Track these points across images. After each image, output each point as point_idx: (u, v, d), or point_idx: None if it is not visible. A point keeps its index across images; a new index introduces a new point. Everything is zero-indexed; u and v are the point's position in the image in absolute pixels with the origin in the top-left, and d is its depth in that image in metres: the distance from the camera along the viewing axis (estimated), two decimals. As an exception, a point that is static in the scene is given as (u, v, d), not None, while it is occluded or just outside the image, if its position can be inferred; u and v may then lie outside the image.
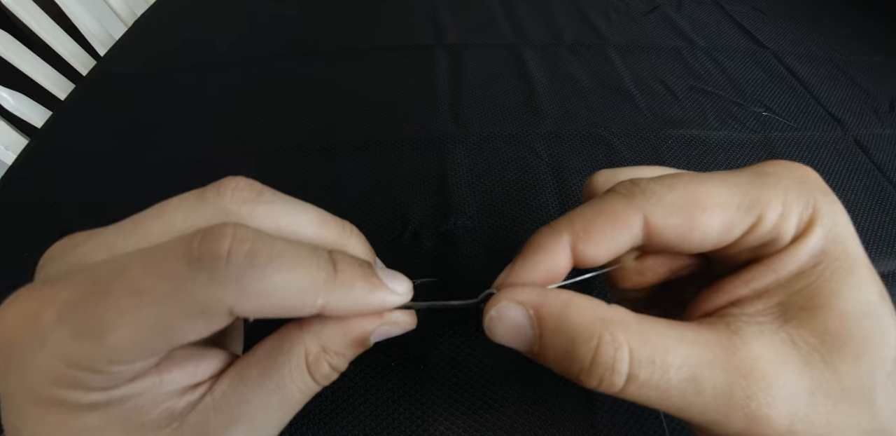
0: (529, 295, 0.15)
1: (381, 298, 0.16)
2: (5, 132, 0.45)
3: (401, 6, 0.56)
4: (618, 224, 0.15)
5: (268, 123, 0.42)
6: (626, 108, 0.43)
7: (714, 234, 0.15)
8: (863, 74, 0.48)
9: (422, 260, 0.31)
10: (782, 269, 0.15)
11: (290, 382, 0.15)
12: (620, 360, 0.14)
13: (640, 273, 0.18)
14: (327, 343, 0.16)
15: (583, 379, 0.14)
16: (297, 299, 0.14)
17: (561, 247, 0.16)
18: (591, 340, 0.14)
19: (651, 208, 0.15)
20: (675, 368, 0.13)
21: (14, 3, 0.50)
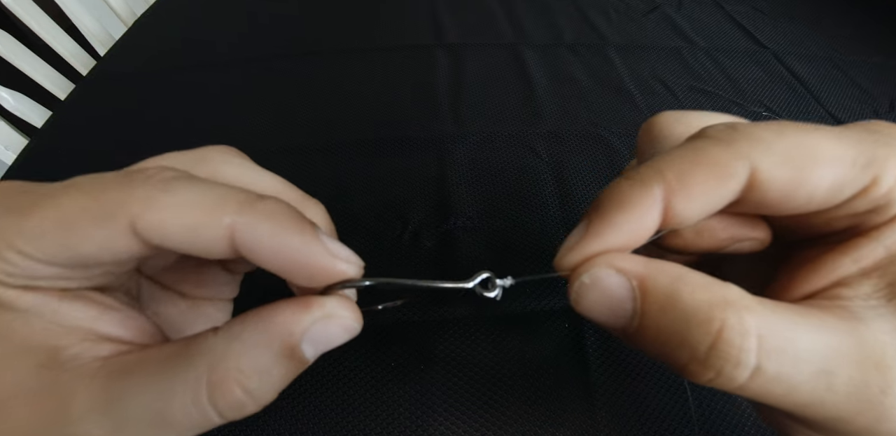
0: (634, 263, 0.13)
1: (315, 252, 0.13)
2: (5, 132, 0.45)
3: (401, 6, 0.56)
4: (721, 175, 0.13)
5: (268, 123, 0.42)
6: (626, 108, 0.43)
7: (822, 192, 0.13)
8: (863, 74, 0.48)
9: (422, 260, 0.31)
10: (892, 242, 0.13)
11: (178, 403, 0.12)
12: (747, 350, 0.11)
13: (698, 234, 0.15)
14: (243, 351, 0.12)
15: (692, 369, 0.12)
16: (202, 215, 0.12)
17: (652, 203, 0.13)
18: (711, 323, 0.12)
19: (759, 157, 0.12)
20: (807, 360, 0.12)
21: (14, 3, 0.50)
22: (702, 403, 0.26)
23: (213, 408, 0.12)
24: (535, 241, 0.33)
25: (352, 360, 0.27)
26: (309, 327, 0.13)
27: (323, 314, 0.13)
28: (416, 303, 0.29)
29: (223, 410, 0.12)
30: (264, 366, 0.12)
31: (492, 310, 0.29)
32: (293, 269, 0.13)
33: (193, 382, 0.12)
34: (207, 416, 0.12)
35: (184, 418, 0.12)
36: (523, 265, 0.31)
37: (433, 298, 0.29)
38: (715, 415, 0.25)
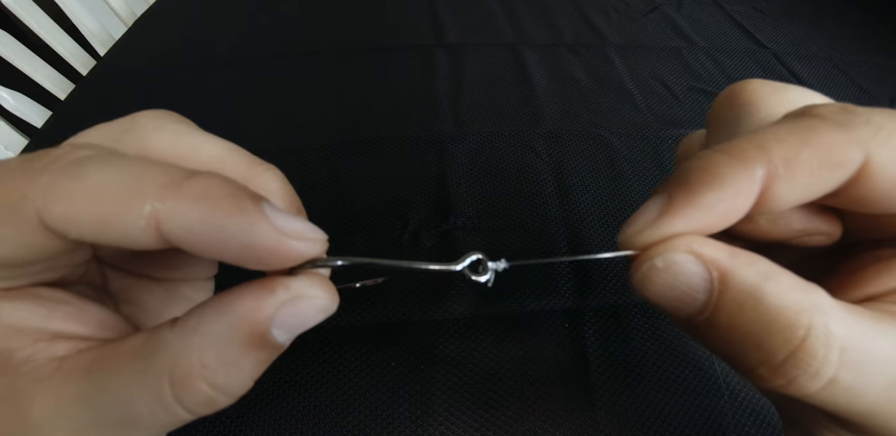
0: (718, 251, 0.12)
1: (260, 233, 0.11)
2: (5, 132, 0.45)
3: (401, 6, 0.56)
4: (833, 162, 0.11)
5: (268, 122, 0.42)
6: (626, 108, 0.43)
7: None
8: (863, 74, 0.48)
9: (421, 260, 0.31)
10: None
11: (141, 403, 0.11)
12: (829, 363, 0.10)
13: (773, 222, 0.14)
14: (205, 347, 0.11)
15: (761, 374, 0.11)
16: (117, 203, 0.10)
17: (752, 184, 0.11)
18: (796, 329, 0.11)
19: (878, 147, 0.11)
20: (882, 372, 0.11)
21: (14, 3, 0.50)
22: (700, 403, 0.26)
23: (181, 405, 0.11)
24: (535, 241, 0.33)
25: (352, 360, 0.27)
26: (275, 313, 0.11)
27: (290, 296, 0.12)
28: (413, 301, 0.29)
29: (191, 407, 0.11)
30: (231, 358, 0.11)
31: (492, 310, 0.29)
32: (238, 256, 0.11)
33: (155, 380, 0.11)
34: (175, 413, 0.11)
35: (150, 418, 0.11)
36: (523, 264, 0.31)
37: (422, 278, 0.29)
38: (714, 415, 0.25)
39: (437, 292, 0.30)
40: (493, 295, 0.30)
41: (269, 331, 0.11)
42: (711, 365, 0.27)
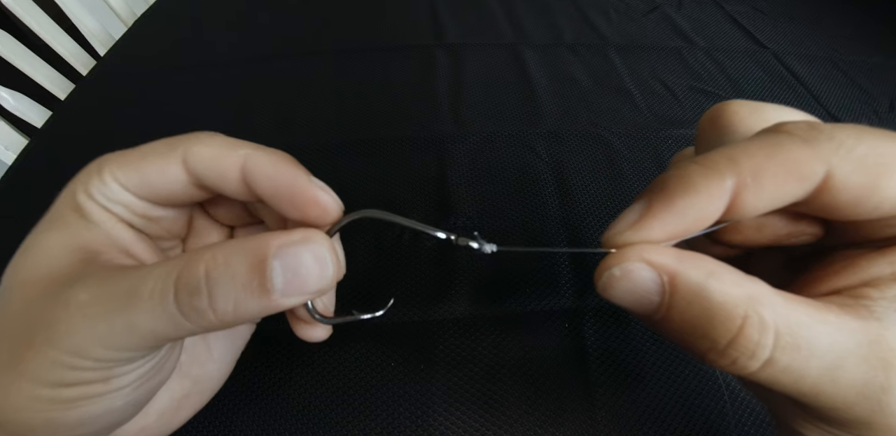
0: (667, 257, 0.13)
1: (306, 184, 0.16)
2: (5, 132, 0.45)
3: (401, 6, 0.56)
4: (797, 174, 0.13)
5: (268, 122, 0.42)
6: (626, 108, 0.43)
7: (892, 201, 0.13)
8: (863, 74, 0.48)
9: (422, 260, 0.31)
10: None
11: (152, 280, 0.13)
12: (764, 346, 0.12)
13: (758, 229, 0.15)
14: (223, 246, 0.14)
15: (710, 358, 0.13)
16: (226, 148, 0.16)
17: (721, 193, 0.13)
18: (734, 320, 0.12)
19: (838, 161, 0.12)
20: (819, 355, 0.12)
21: (14, 3, 0.50)
22: (700, 404, 0.26)
23: (174, 286, 0.13)
24: (535, 240, 0.33)
25: (352, 360, 0.27)
26: (282, 246, 0.14)
27: (300, 237, 0.14)
28: (413, 302, 0.29)
29: (180, 289, 0.13)
30: (233, 261, 0.13)
31: (492, 310, 0.29)
32: (286, 196, 0.16)
33: (174, 263, 0.14)
34: (167, 295, 0.13)
35: (148, 296, 0.13)
36: (523, 264, 0.31)
37: (422, 279, 0.29)
38: (714, 415, 0.25)
39: (437, 292, 0.30)
40: (493, 295, 0.30)
41: (268, 259, 0.14)
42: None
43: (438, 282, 0.30)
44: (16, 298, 0.15)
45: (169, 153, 0.16)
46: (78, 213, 0.16)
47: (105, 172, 0.16)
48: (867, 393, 0.12)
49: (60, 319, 0.14)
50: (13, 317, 0.15)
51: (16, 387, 0.14)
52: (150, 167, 0.16)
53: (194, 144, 0.16)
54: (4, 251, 0.33)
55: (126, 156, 0.17)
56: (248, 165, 0.16)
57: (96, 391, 0.15)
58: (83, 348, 0.14)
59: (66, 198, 0.17)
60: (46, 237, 0.16)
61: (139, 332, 0.14)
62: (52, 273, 0.15)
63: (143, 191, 0.17)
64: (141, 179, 0.16)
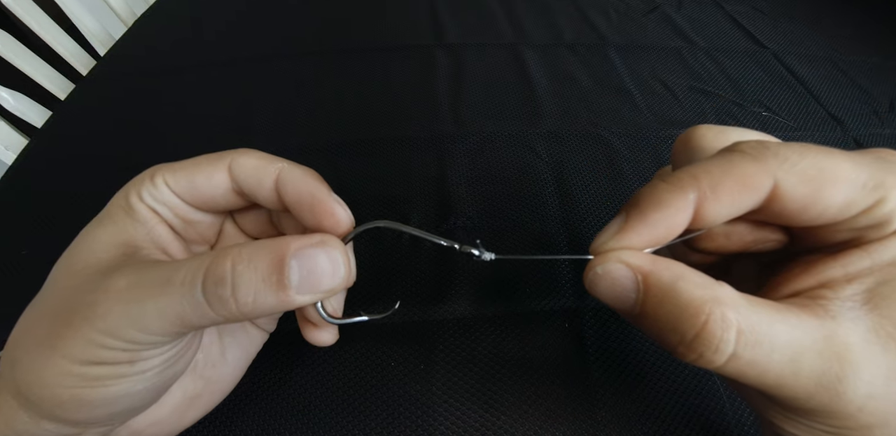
0: (641, 260, 0.15)
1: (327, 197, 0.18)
2: (5, 132, 0.45)
3: (401, 6, 0.56)
4: (748, 187, 0.15)
5: (268, 122, 0.42)
6: (626, 108, 0.43)
7: (834, 208, 0.15)
8: (863, 74, 0.48)
9: (422, 260, 0.31)
10: (879, 256, 0.15)
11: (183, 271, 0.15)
12: (727, 341, 0.14)
13: (727, 236, 0.18)
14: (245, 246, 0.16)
15: (680, 351, 0.15)
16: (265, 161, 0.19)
17: (686, 205, 0.15)
18: (699, 316, 0.14)
19: (783, 174, 0.14)
20: (779, 350, 0.14)
21: (14, 3, 0.50)
22: (700, 403, 0.26)
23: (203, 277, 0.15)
24: (535, 240, 0.33)
25: (352, 360, 0.27)
26: (300, 247, 0.16)
27: (316, 240, 0.17)
28: (413, 302, 0.29)
29: (208, 279, 0.15)
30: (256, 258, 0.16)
31: (492, 310, 0.29)
32: (307, 204, 0.18)
33: (205, 257, 0.16)
34: (195, 284, 0.15)
35: (179, 284, 0.15)
36: (524, 265, 0.31)
37: (423, 279, 0.29)
38: (715, 415, 0.25)
39: (437, 292, 0.30)
40: (493, 295, 0.30)
41: (287, 258, 0.16)
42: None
43: (438, 282, 0.30)
44: (62, 284, 0.17)
45: (217, 162, 0.19)
46: (127, 212, 0.18)
47: (157, 177, 0.19)
48: (824, 383, 0.14)
49: (99, 302, 0.15)
50: (57, 300, 0.16)
51: (51, 363, 0.15)
52: (200, 173, 0.19)
53: (240, 156, 0.19)
54: (4, 252, 0.33)
55: (178, 164, 0.19)
56: (282, 175, 0.19)
57: (122, 372, 0.16)
58: (117, 328, 0.15)
59: (119, 198, 0.19)
60: (96, 232, 0.18)
61: (167, 316, 0.15)
62: (98, 263, 0.17)
63: (190, 194, 0.19)
64: (189, 183, 0.19)
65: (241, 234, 0.23)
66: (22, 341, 0.16)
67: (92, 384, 0.16)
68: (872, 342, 0.14)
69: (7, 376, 0.16)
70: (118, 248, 0.18)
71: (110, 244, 0.18)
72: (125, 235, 0.18)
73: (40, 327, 0.16)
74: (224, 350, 0.22)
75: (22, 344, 0.16)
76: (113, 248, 0.17)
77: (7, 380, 0.16)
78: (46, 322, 0.16)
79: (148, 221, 0.19)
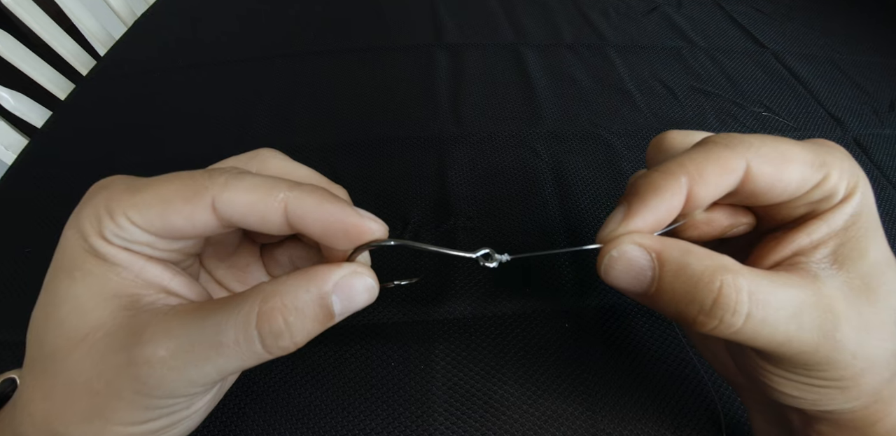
0: (652, 240, 0.17)
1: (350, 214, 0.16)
2: (5, 132, 0.45)
3: (401, 6, 0.56)
4: (727, 169, 0.17)
5: (268, 122, 0.42)
6: (626, 108, 0.43)
7: (793, 184, 0.17)
8: (863, 74, 0.48)
9: (422, 260, 0.31)
10: (833, 223, 0.17)
11: (231, 329, 0.15)
12: (742, 302, 0.15)
13: (708, 223, 0.20)
14: (287, 291, 0.15)
15: (701, 320, 0.16)
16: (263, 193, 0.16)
17: (680, 188, 0.17)
18: (713, 283, 0.15)
19: (752, 157, 0.17)
20: (784, 308, 0.16)
21: (14, 3, 0.50)
22: (701, 403, 0.26)
23: (258, 333, 0.15)
24: (535, 240, 0.33)
25: (352, 360, 0.27)
26: (338, 281, 0.16)
27: (350, 272, 0.17)
28: (414, 302, 0.29)
29: (265, 335, 0.15)
30: (302, 305, 0.15)
31: (492, 310, 0.29)
32: (333, 229, 0.16)
33: (247, 312, 0.15)
34: (252, 341, 0.15)
35: (234, 344, 0.15)
36: (523, 264, 0.31)
37: (424, 280, 0.29)
38: (715, 415, 0.25)
39: (437, 292, 0.30)
40: (493, 295, 0.30)
41: (330, 294, 0.16)
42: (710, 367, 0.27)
43: (438, 282, 0.30)
44: (78, 356, 0.15)
45: (195, 199, 0.16)
46: (98, 258, 0.16)
47: (118, 215, 0.15)
48: (825, 333, 0.16)
49: (147, 375, 0.15)
50: (85, 375, 0.15)
51: (107, 431, 0.15)
52: (175, 215, 0.16)
53: (223, 191, 0.16)
54: (4, 252, 0.33)
55: (139, 196, 0.16)
56: (292, 208, 0.16)
57: (181, 417, 0.17)
58: (175, 390, 0.15)
59: (73, 242, 0.16)
60: (71, 289, 0.16)
61: (228, 370, 0.15)
62: (99, 324, 0.15)
63: (168, 233, 0.16)
64: (164, 223, 0.16)
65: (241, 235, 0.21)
66: (58, 415, 0.16)
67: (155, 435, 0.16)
68: (849, 295, 0.16)
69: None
70: (110, 302, 0.16)
71: (100, 301, 0.16)
72: (111, 286, 0.16)
73: (78, 401, 0.15)
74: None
75: (60, 417, 0.16)
76: (104, 302, 0.16)
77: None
78: (84, 396, 0.15)
79: (131, 264, 0.16)
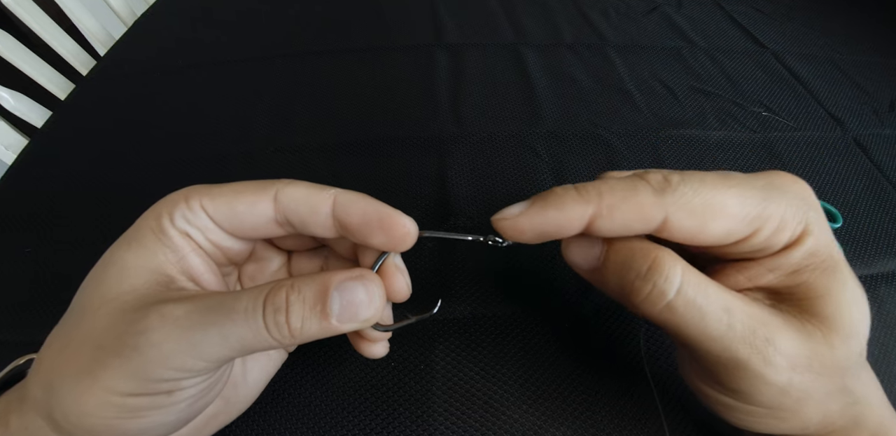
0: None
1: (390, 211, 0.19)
2: (5, 132, 0.45)
3: (401, 6, 0.56)
4: (642, 216, 0.17)
5: (268, 122, 0.42)
6: (626, 108, 0.43)
7: (715, 238, 0.17)
8: (863, 74, 0.48)
9: (422, 260, 0.31)
10: (777, 268, 0.18)
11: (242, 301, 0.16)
12: (674, 273, 0.17)
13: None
14: (299, 279, 0.17)
15: (636, 285, 0.17)
16: (317, 189, 0.19)
17: (581, 215, 0.18)
18: (650, 254, 0.17)
19: (674, 210, 0.17)
20: (715, 297, 0.17)
21: (14, 3, 0.50)
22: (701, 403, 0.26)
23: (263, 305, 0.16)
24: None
25: (352, 360, 0.27)
26: (342, 281, 0.17)
27: (356, 275, 0.18)
28: (414, 302, 0.29)
29: (268, 307, 0.16)
30: (305, 290, 0.17)
31: (492, 310, 0.29)
32: (370, 220, 0.18)
33: (262, 287, 0.17)
34: (258, 312, 0.16)
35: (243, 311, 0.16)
36: (523, 263, 0.31)
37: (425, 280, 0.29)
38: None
39: (437, 292, 0.30)
40: (493, 295, 0.30)
41: (330, 290, 0.17)
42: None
43: (438, 282, 0.30)
44: (98, 311, 0.17)
45: (261, 191, 0.18)
46: (158, 236, 0.18)
47: (194, 202, 0.18)
48: (755, 342, 0.16)
49: (153, 329, 0.16)
50: (98, 327, 0.16)
51: (90, 393, 0.16)
52: (242, 201, 0.18)
53: (286, 186, 0.19)
54: (4, 252, 0.33)
55: (217, 189, 0.19)
56: (340, 200, 0.19)
57: (159, 403, 0.17)
58: (172, 355, 0.16)
59: (149, 219, 0.18)
60: (125, 256, 0.18)
61: (229, 341, 0.16)
62: (132, 290, 0.17)
63: (228, 222, 0.19)
64: (230, 210, 0.18)
65: (273, 249, 0.23)
66: (59, 367, 0.16)
67: (129, 415, 0.16)
68: (795, 328, 0.17)
69: (40, 399, 0.16)
70: (151, 275, 0.17)
71: (142, 270, 0.17)
72: (156, 262, 0.18)
73: (81, 355, 0.16)
74: (246, 373, 0.22)
75: (59, 370, 0.16)
76: (145, 274, 0.17)
77: (39, 402, 0.16)
78: (88, 350, 0.16)
79: (181, 248, 0.18)
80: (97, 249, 0.19)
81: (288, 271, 0.24)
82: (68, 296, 0.18)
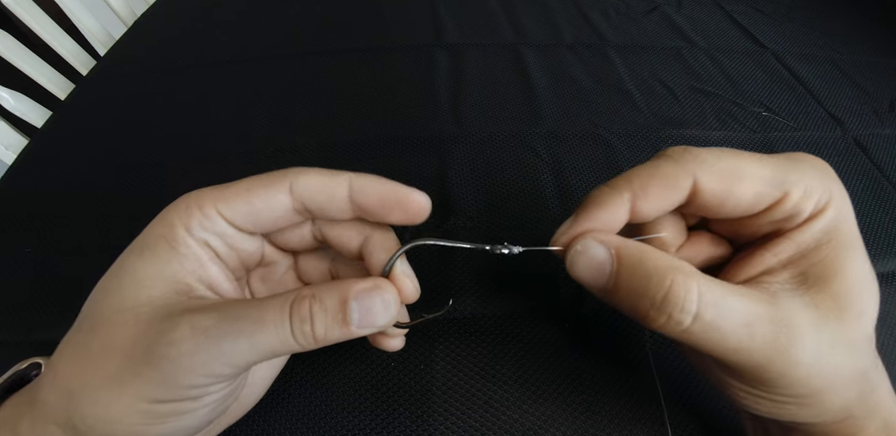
0: (612, 238, 0.18)
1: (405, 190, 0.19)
2: (5, 132, 0.45)
3: (401, 6, 0.56)
4: (671, 185, 0.18)
5: (268, 122, 0.42)
6: (626, 108, 0.43)
7: (746, 201, 0.18)
8: (863, 74, 0.48)
9: (422, 260, 0.31)
10: (802, 241, 0.18)
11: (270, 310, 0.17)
12: (690, 300, 0.16)
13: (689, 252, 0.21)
14: (319, 289, 0.18)
15: (651, 315, 0.17)
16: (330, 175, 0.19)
17: (622, 203, 0.18)
18: (665, 280, 0.16)
19: (701, 173, 0.17)
20: (734, 314, 0.16)
21: (14, 3, 0.50)
22: (701, 403, 0.26)
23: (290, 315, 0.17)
24: (536, 240, 0.33)
25: (352, 360, 0.27)
26: (359, 291, 0.18)
27: (371, 285, 0.18)
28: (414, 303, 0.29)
29: (294, 317, 0.17)
30: (327, 301, 0.18)
31: (492, 310, 0.29)
32: (389, 200, 0.19)
33: (286, 296, 0.17)
34: (284, 321, 0.17)
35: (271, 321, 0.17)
36: (523, 263, 0.31)
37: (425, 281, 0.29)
38: (716, 415, 0.25)
39: (439, 292, 0.30)
40: (493, 295, 0.30)
41: (350, 300, 0.18)
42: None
43: (439, 282, 0.30)
44: (123, 322, 0.17)
45: (275, 184, 0.19)
46: (171, 244, 0.18)
47: (209, 209, 0.18)
48: (778, 348, 0.16)
49: (186, 339, 0.16)
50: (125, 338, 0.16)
51: (118, 400, 0.16)
52: (258, 199, 0.18)
53: (299, 175, 0.19)
54: (4, 252, 0.33)
55: (229, 191, 0.18)
56: (355, 183, 0.19)
57: (185, 408, 0.17)
58: (204, 363, 0.16)
59: (159, 227, 0.18)
60: (137, 265, 0.18)
61: (258, 348, 0.17)
62: (150, 300, 0.17)
63: (247, 221, 0.19)
64: (248, 211, 0.18)
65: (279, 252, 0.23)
66: (81, 375, 0.16)
67: (154, 421, 0.16)
68: (813, 315, 0.17)
69: (56, 405, 0.16)
70: (167, 284, 0.17)
71: (157, 280, 0.17)
72: (170, 270, 0.18)
73: (107, 363, 0.16)
74: (254, 372, 0.23)
75: (81, 377, 0.16)
76: (161, 283, 0.17)
77: (55, 408, 0.16)
78: (116, 359, 0.16)
79: (198, 257, 0.18)
80: (97, 250, 0.19)
81: (296, 273, 0.24)
82: (68, 296, 0.18)
